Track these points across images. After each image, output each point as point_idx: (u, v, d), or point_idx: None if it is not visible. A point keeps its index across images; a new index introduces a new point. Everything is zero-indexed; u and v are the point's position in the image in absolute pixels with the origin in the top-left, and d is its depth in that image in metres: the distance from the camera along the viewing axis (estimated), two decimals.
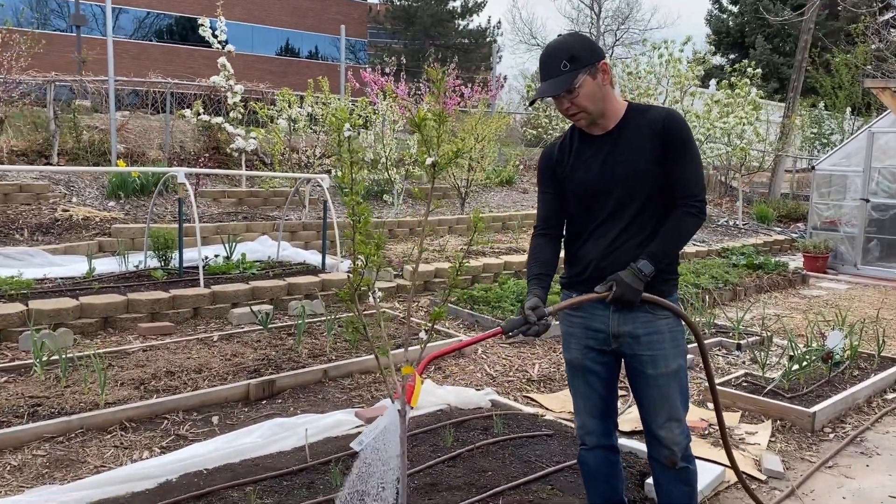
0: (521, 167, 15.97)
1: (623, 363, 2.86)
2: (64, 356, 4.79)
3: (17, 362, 5.06)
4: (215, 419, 4.48)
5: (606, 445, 2.95)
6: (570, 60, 2.56)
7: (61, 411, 4.26)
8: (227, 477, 3.59)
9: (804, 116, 20.65)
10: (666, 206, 2.71)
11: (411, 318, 6.82)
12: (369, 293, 2.22)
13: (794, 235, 13.82)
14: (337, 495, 2.33)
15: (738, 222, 14.49)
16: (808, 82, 23.66)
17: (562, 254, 2.93)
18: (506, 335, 2.57)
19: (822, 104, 22.75)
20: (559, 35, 2.79)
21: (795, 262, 11.43)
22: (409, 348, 2.28)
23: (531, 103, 2.87)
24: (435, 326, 2.33)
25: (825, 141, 21.13)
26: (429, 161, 2.13)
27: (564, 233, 2.91)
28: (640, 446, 4.08)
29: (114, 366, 5.09)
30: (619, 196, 2.68)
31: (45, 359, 4.88)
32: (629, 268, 2.61)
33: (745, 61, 14.27)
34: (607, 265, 2.70)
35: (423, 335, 2.32)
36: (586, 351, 2.83)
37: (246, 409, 4.67)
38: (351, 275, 2.21)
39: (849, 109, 22.53)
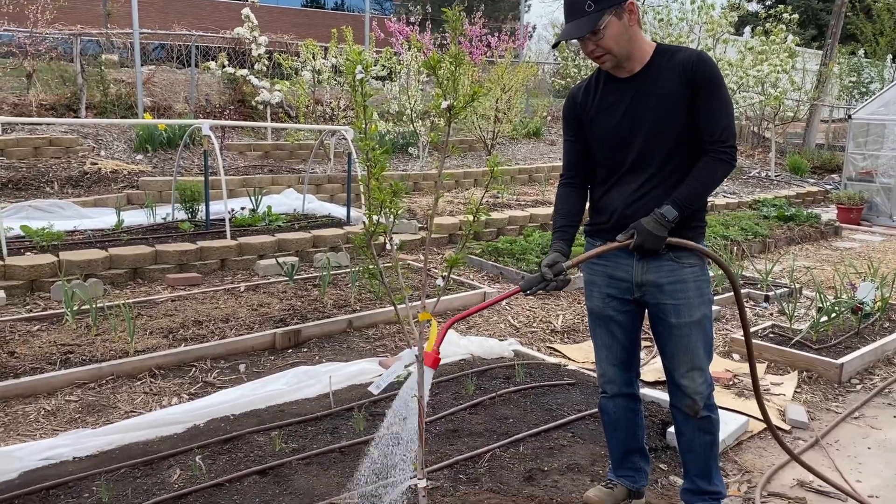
0: (549, 118, 15.74)
1: (647, 312, 2.83)
2: (94, 305, 4.88)
3: (49, 311, 5.17)
4: (242, 367, 4.55)
5: (627, 394, 2.93)
6: (595, 1, 2.47)
7: (92, 358, 4.36)
8: (253, 422, 3.67)
9: (842, 64, 19.97)
10: (694, 154, 2.63)
11: (433, 269, 6.83)
12: (387, 242, 2.20)
13: (827, 187, 13.51)
14: (376, 434, 2.40)
15: (770, 174, 14.20)
16: (848, 29, 22.81)
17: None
18: (524, 293, 2.58)
19: (861, 51, 21.97)
20: None
21: (828, 214, 11.20)
22: (426, 299, 2.27)
23: (555, 45, 2.80)
24: (460, 279, 2.32)
25: (864, 90, 20.48)
26: (444, 105, 2.09)
27: (591, 182, 2.85)
28: (662, 396, 4.08)
29: (143, 315, 5.19)
30: (644, 143, 2.61)
31: (76, 308, 4.98)
32: (651, 214, 2.55)
33: (781, 7, 13.80)
34: (631, 213, 2.64)
35: (439, 282, 2.30)
36: (608, 300, 2.79)
37: (272, 358, 4.74)
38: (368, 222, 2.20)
39: (890, 57, 21.76)
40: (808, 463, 3.30)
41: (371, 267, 2.14)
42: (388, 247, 2.17)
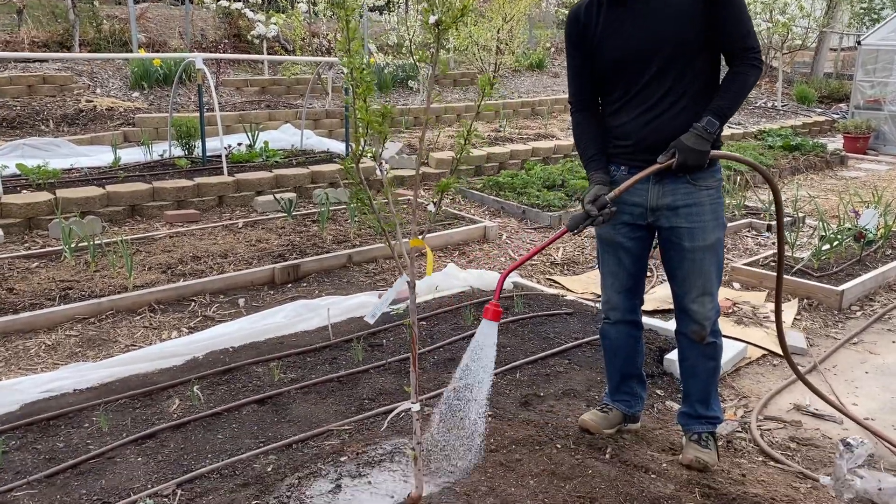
0: (553, 50, 15.40)
1: (657, 237, 2.79)
2: (92, 242, 4.87)
3: (47, 249, 5.16)
4: (241, 301, 4.56)
5: (630, 321, 2.91)
6: None
7: (91, 294, 4.36)
8: (252, 354, 3.69)
9: None
10: (706, 68, 2.55)
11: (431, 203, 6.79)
12: (377, 168, 2.15)
13: (834, 116, 13.28)
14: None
15: (776, 104, 13.95)
16: None
17: None
18: (572, 233, 2.53)
19: None
20: None
21: (835, 143, 11.04)
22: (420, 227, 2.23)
23: None
24: (461, 213, 2.27)
25: (875, 17, 19.92)
26: (432, 20, 2.01)
27: (601, 102, 2.76)
28: (660, 324, 4.08)
29: (141, 251, 5.17)
30: (658, 61, 2.50)
31: (74, 245, 4.97)
32: (692, 129, 2.46)
33: None
34: (647, 134, 2.56)
35: (431, 208, 2.26)
36: (620, 226, 2.73)
37: (271, 292, 4.74)
38: (371, 158, 2.13)
39: None
40: (812, 384, 3.31)
41: (359, 193, 2.09)
42: (378, 173, 2.12)
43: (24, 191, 6.06)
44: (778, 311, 3.05)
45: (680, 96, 2.54)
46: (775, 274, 4.85)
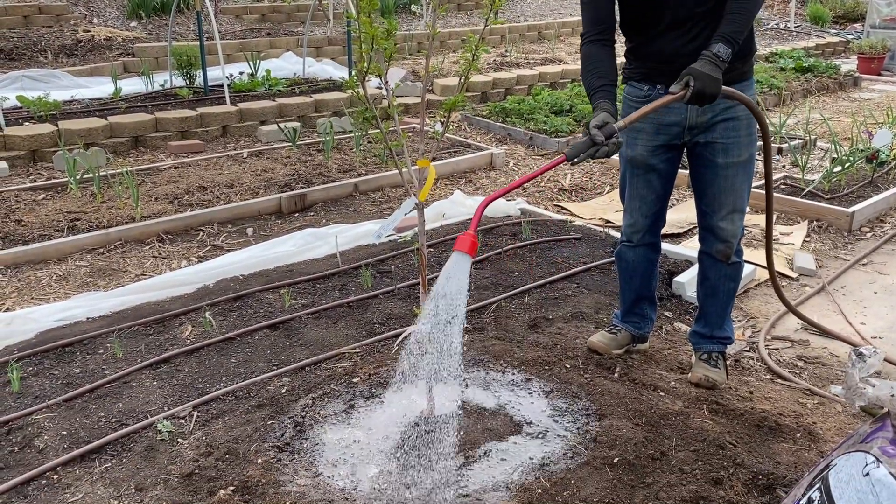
0: None
1: (689, 155, 2.71)
2: (97, 174, 4.84)
3: (52, 181, 5.14)
4: (249, 230, 4.56)
5: (650, 243, 2.89)
6: None
7: (99, 225, 4.36)
8: (262, 281, 3.70)
9: None
10: None
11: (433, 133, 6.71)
12: (383, 88, 2.10)
13: (849, 37, 12.93)
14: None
15: (789, 24, 13.58)
16: None
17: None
18: (570, 162, 2.26)
19: None
20: None
21: (849, 65, 10.76)
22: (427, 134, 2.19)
23: None
24: (467, 140, 2.23)
25: None
26: None
27: (624, 32, 2.62)
28: (669, 247, 4.07)
29: (146, 182, 5.15)
30: None
31: (79, 176, 4.94)
32: (702, 56, 2.33)
33: None
34: (686, 55, 2.41)
35: (438, 127, 2.22)
36: (655, 149, 2.66)
37: (279, 222, 4.74)
38: (379, 89, 2.08)
39: None
40: (801, 313, 3.34)
41: (365, 112, 2.05)
42: (384, 92, 2.07)
43: (27, 123, 6.00)
44: (769, 246, 3.03)
45: (712, 17, 2.43)
46: (786, 197, 4.84)
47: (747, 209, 2.82)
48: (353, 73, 2.04)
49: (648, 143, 2.65)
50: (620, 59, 2.61)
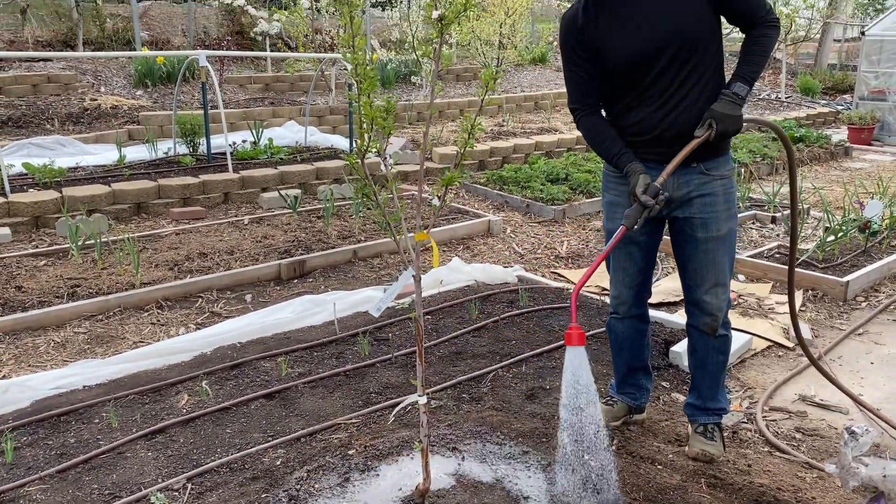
0: (555, 44, 15.37)
1: (668, 229, 2.78)
2: (99, 240, 4.90)
3: (54, 247, 5.19)
4: (248, 297, 4.59)
5: (637, 315, 2.92)
6: None
7: (99, 291, 4.39)
8: (259, 349, 3.71)
9: None
10: (715, 53, 2.53)
11: (435, 197, 6.80)
12: (382, 163, 2.16)
13: (839, 108, 13.24)
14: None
15: (781, 95, 13.91)
16: None
17: None
18: (632, 229, 2.47)
19: None
20: None
21: (839, 134, 11.00)
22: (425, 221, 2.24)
23: None
24: (465, 207, 2.29)
25: (879, 6, 19.80)
26: (435, 15, 2.02)
27: (603, 102, 2.70)
28: (666, 316, 4.09)
29: (147, 248, 5.20)
30: (665, 58, 2.46)
31: (81, 243, 4.99)
32: (722, 97, 2.46)
33: None
34: (665, 129, 2.53)
35: (435, 202, 2.27)
36: None
37: (278, 288, 4.77)
38: (371, 150, 2.15)
39: None
40: (824, 368, 3.32)
41: (364, 188, 2.10)
42: (382, 168, 2.13)
43: (31, 189, 6.09)
44: (791, 294, 3.06)
45: (692, 86, 2.51)
46: (781, 266, 4.89)
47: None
48: (353, 150, 2.10)
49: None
50: None
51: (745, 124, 2.60)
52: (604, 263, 2.64)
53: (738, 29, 2.58)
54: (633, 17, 2.50)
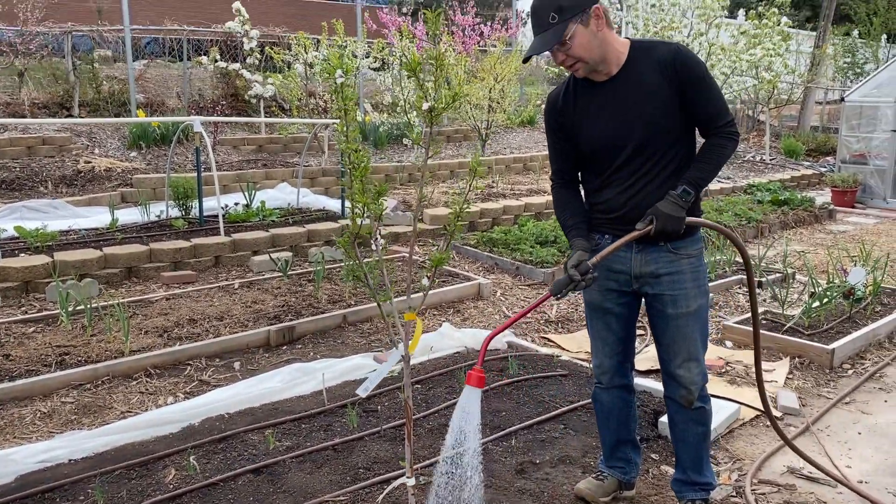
0: (543, 106, 15.70)
1: (643, 302, 2.86)
2: (89, 306, 4.90)
3: (44, 313, 5.19)
4: (237, 365, 4.58)
5: (621, 385, 2.97)
6: (558, 11, 2.47)
7: (88, 359, 4.38)
8: (247, 420, 3.70)
9: (837, 45, 19.90)
10: (682, 142, 2.67)
11: (424, 263, 6.84)
12: (372, 243, 2.22)
13: (822, 170, 13.51)
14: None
15: (765, 157, 14.19)
16: (842, 9, 22.72)
17: None
18: (556, 298, 2.58)
19: (856, 32, 21.88)
20: None
21: (823, 196, 11.21)
22: (412, 294, 2.29)
23: (525, 60, 2.79)
24: (455, 270, 2.33)
25: (859, 70, 20.39)
26: (425, 107, 2.10)
27: (581, 178, 2.87)
28: (655, 385, 4.11)
29: (138, 314, 5.21)
30: (634, 142, 2.62)
31: (71, 309, 5.00)
32: (667, 197, 2.57)
33: None
34: (630, 210, 2.67)
35: (425, 282, 2.32)
36: (607, 293, 2.81)
37: (267, 355, 4.76)
38: (356, 219, 2.21)
39: (884, 37, 21.66)
40: (800, 449, 3.33)
41: (355, 270, 2.15)
42: (373, 247, 2.19)
43: (22, 254, 6.11)
44: (759, 376, 3.10)
45: (658, 172, 2.65)
46: (767, 333, 4.93)
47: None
48: (345, 235, 2.15)
49: (600, 287, 2.80)
50: None
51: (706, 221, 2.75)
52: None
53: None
54: (607, 106, 2.65)
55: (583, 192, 2.89)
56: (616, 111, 2.63)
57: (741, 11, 17.42)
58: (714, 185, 11.27)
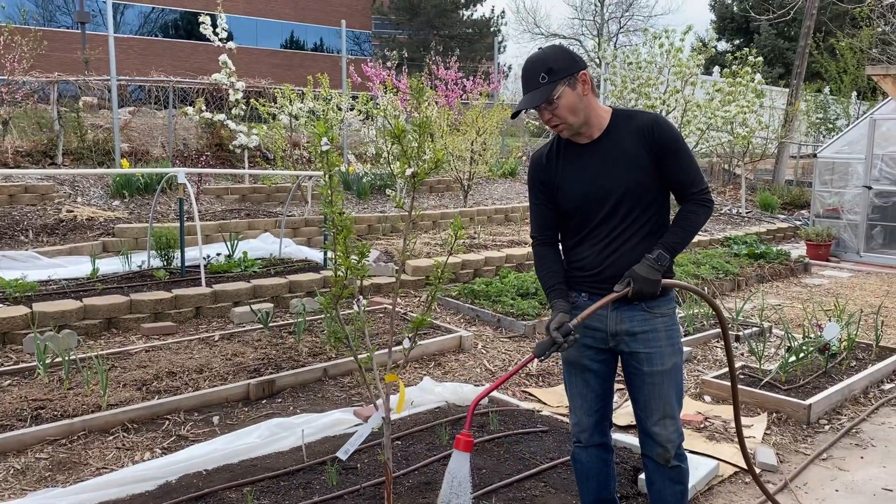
0: (524, 158, 15.96)
1: (620, 360, 2.91)
2: (67, 358, 4.86)
3: (21, 365, 5.13)
4: (216, 419, 4.54)
5: (600, 444, 3.00)
6: (549, 73, 2.63)
7: (64, 414, 4.32)
8: (225, 477, 3.66)
9: (809, 102, 20.50)
10: (658, 204, 2.78)
11: (406, 314, 6.84)
12: (355, 303, 2.26)
13: (797, 223, 13.78)
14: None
15: (741, 210, 14.46)
16: (813, 67, 23.45)
17: None
18: (539, 359, 2.66)
19: (827, 89, 22.58)
20: (539, 48, 2.85)
21: (799, 249, 11.42)
22: (394, 348, 2.32)
23: (514, 115, 2.92)
24: (436, 322, 2.37)
25: (830, 126, 20.98)
26: (408, 172, 2.17)
27: (560, 235, 2.96)
28: (634, 441, 4.12)
29: (116, 367, 5.16)
30: (612, 202, 2.73)
31: (48, 361, 4.95)
32: (644, 260, 2.68)
33: (747, 49, 14.17)
34: (606, 267, 2.76)
35: (406, 343, 2.35)
36: (584, 349, 2.87)
37: (246, 409, 4.73)
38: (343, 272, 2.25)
39: (854, 94, 22.36)
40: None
41: (337, 332, 2.18)
42: (355, 307, 2.22)
43: (1, 304, 6.06)
44: (740, 433, 3.14)
45: (634, 232, 2.76)
46: (746, 388, 4.98)
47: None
48: (327, 296, 2.19)
49: (578, 344, 2.83)
50: None
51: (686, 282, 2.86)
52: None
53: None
54: (588, 166, 2.77)
55: (561, 249, 2.97)
56: (598, 171, 2.75)
57: (716, 68, 17.94)
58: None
